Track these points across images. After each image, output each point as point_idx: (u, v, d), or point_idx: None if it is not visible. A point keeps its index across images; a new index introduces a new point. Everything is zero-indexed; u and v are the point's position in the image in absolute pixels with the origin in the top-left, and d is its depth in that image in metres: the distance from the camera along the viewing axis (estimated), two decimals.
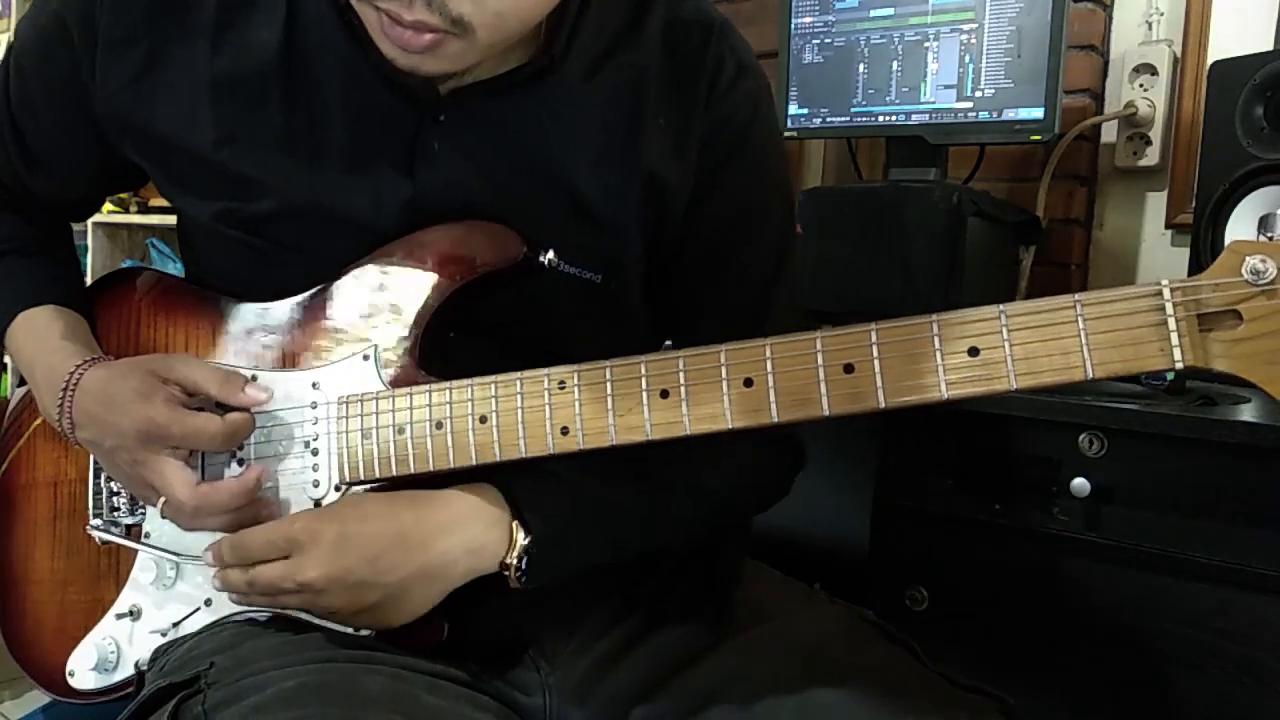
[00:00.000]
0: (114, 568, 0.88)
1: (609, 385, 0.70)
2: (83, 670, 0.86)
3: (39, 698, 0.92)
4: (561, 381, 0.71)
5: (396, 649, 0.77)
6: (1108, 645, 1.14)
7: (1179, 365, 0.58)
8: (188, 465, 0.79)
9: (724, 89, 0.86)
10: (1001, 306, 0.61)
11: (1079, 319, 0.60)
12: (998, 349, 0.61)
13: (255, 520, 0.79)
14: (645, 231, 0.86)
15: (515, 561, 0.75)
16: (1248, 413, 1.10)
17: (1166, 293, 0.58)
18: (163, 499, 0.78)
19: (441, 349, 0.80)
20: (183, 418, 0.77)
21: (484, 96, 0.80)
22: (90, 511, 0.89)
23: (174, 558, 0.84)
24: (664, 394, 0.68)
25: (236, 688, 0.69)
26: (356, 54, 0.78)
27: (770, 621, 0.85)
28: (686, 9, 0.87)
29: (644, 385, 0.69)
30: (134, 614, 0.86)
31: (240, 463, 0.82)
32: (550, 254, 0.80)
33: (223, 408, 0.80)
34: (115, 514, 0.88)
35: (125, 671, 0.86)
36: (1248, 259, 0.57)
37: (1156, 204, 1.62)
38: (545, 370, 0.72)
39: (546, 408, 0.71)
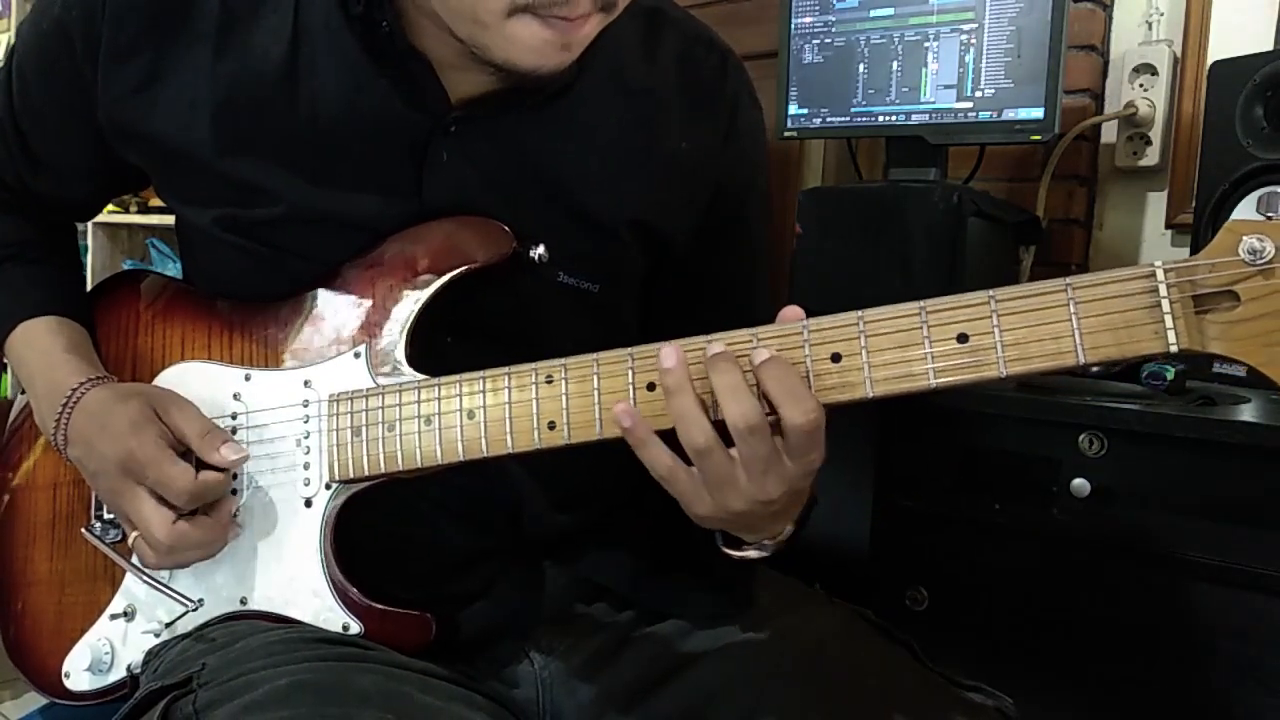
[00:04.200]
0: (110, 569, 0.87)
1: (596, 379, 0.69)
2: (77, 671, 0.86)
3: (38, 699, 0.92)
4: (549, 376, 0.71)
5: (389, 648, 0.76)
6: (1107, 645, 1.13)
7: (1174, 348, 0.56)
8: (165, 505, 0.77)
9: (742, 123, 0.90)
10: (991, 291, 0.60)
11: (1070, 303, 0.58)
12: (987, 335, 0.60)
13: (224, 544, 0.80)
14: (648, 246, 0.87)
15: None
16: (1248, 413, 1.10)
17: (1160, 274, 0.57)
18: (135, 533, 0.78)
19: (437, 353, 0.80)
20: (162, 462, 0.77)
21: (496, 109, 0.80)
22: (91, 513, 0.88)
23: (148, 580, 0.83)
24: (650, 387, 0.68)
25: (228, 687, 0.69)
26: (368, 63, 0.78)
27: (770, 621, 0.84)
28: (693, 29, 0.90)
29: (630, 379, 0.68)
30: (128, 614, 0.86)
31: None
32: (541, 248, 0.79)
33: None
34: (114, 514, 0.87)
35: (119, 673, 0.85)
36: (1245, 238, 0.55)
37: (1156, 204, 1.61)
38: (533, 365, 0.72)
39: (534, 402, 0.71)
